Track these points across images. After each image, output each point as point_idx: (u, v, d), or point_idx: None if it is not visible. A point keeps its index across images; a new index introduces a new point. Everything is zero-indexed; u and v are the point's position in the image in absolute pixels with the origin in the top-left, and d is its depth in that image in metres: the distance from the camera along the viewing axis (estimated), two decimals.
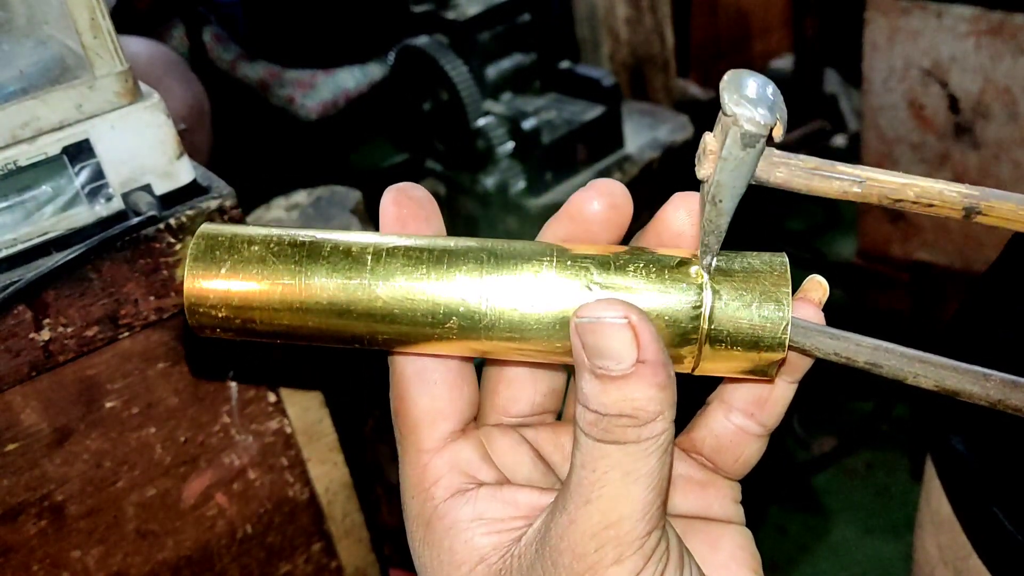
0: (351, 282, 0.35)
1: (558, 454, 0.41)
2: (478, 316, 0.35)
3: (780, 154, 0.34)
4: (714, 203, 0.33)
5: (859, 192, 0.33)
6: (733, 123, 0.31)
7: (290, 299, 0.35)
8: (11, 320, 0.59)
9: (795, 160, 0.34)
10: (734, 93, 0.31)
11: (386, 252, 0.35)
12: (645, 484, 0.31)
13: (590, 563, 0.32)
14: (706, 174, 0.33)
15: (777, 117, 0.31)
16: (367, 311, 0.35)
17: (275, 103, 2.26)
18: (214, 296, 0.35)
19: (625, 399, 0.31)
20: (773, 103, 0.31)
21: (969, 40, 1.69)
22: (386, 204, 0.37)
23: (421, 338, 0.35)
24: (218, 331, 0.36)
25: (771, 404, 0.39)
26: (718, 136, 0.32)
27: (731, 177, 0.32)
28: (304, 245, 0.35)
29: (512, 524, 0.35)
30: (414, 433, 0.37)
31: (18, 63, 0.63)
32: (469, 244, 0.36)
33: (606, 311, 0.31)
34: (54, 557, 0.68)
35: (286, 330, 0.36)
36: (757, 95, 0.31)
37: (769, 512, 1.80)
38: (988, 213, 0.33)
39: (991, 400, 0.34)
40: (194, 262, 0.35)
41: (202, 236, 0.36)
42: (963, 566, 0.68)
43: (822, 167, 0.34)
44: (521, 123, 1.61)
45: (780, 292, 0.34)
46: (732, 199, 0.33)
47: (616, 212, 0.37)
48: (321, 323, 0.35)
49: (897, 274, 2.04)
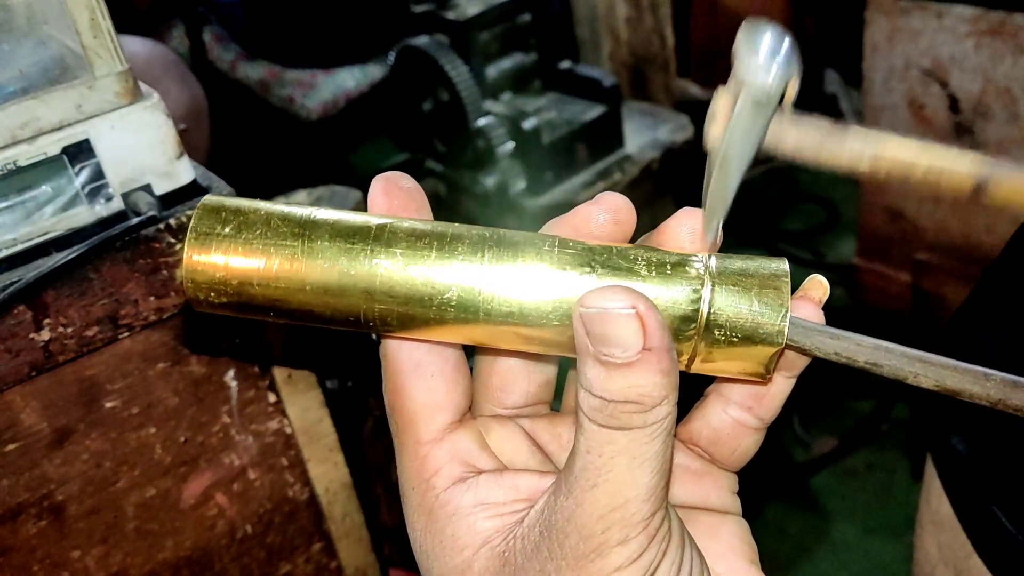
0: (352, 258, 0.35)
1: (555, 443, 0.41)
2: (477, 299, 0.35)
3: (792, 116, 0.33)
4: (722, 169, 0.32)
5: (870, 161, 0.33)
6: (744, 84, 0.30)
7: (290, 272, 0.35)
8: (11, 320, 0.59)
9: (807, 122, 0.33)
10: (747, 53, 0.30)
11: (389, 230, 0.35)
12: (650, 467, 0.32)
13: (596, 544, 0.32)
14: (715, 137, 0.33)
15: (790, 77, 0.30)
16: (367, 288, 0.35)
17: (275, 103, 2.26)
18: (213, 267, 0.35)
19: (631, 386, 0.31)
20: (787, 60, 0.30)
21: (969, 40, 1.69)
22: (375, 194, 0.37)
23: (419, 320, 0.35)
24: (215, 303, 0.36)
25: (769, 398, 0.39)
26: (729, 96, 0.32)
27: (741, 140, 0.31)
28: (307, 220, 0.35)
29: (514, 507, 0.36)
30: (412, 426, 0.37)
31: (18, 63, 0.63)
32: (471, 229, 0.36)
33: (612, 301, 0.31)
34: (54, 557, 0.68)
35: (284, 304, 0.35)
36: (770, 53, 0.30)
37: (769, 512, 1.80)
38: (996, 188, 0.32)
39: (991, 400, 0.34)
40: (195, 232, 0.35)
41: (204, 207, 0.36)
42: (963, 566, 0.68)
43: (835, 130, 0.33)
44: (521, 123, 1.61)
45: (779, 289, 0.34)
46: (740, 165, 0.32)
47: (619, 228, 0.37)
48: (320, 299, 0.35)
49: (897, 274, 2.04)
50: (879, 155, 0.33)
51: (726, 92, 0.32)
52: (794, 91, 0.31)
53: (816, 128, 0.33)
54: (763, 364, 0.35)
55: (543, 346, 0.36)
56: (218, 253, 0.35)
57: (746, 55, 0.30)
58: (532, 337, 0.36)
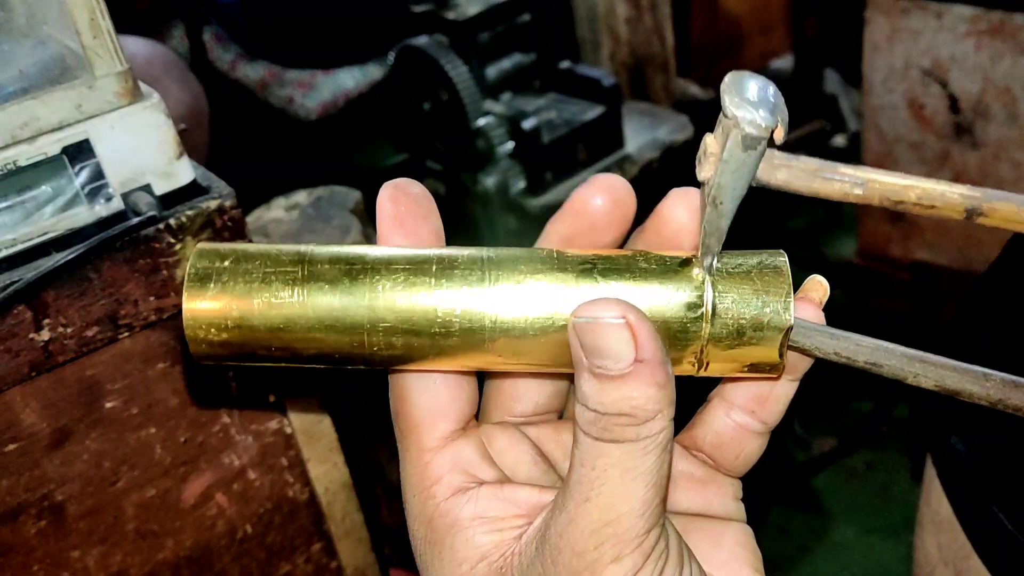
0: (351, 298, 0.34)
1: (559, 451, 0.41)
2: (480, 327, 0.34)
3: (781, 156, 0.34)
4: (715, 205, 0.33)
5: (860, 194, 0.33)
6: (734, 125, 0.31)
7: (291, 317, 0.34)
8: (11, 320, 0.59)
9: (796, 162, 0.34)
10: (735, 95, 0.31)
11: (385, 265, 0.35)
12: (644, 482, 0.31)
13: (589, 561, 0.32)
14: (707, 176, 0.33)
15: (778, 119, 0.31)
16: (368, 325, 0.34)
17: (275, 103, 2.26)
18: (213, 319, 0.34)
19: (624, 398, 0.31)
20: (774, 105, 0.31)
21: (969, 40, 1.69)
22: (383, 201, 0.37)
23: (423, 353, 0.35)
24: (216, 343, 0.35)
25: (772, 402, 0.39)
26: (719, 138, 0.32)
27: (732, 179, 0.32)
28: (303, 260, 0.35)
29: (513, 522, 0.36)
30: (414, 432, 0.37)
31: (17, 63, 0.63)
32: (467, 253, 0.35)
33: (603, 311, 0.31)
34: (54, 557, 0.68)
35: (288, 350, 0.35)
36: (758, 97, 0.31)
37: (769, 512, 1.80)
38: (989, 215, 0.33)
39: (991, 400, 0.34)
40: (194, 270, 0.35)
41: (200, 249, 0.35)
42: (963, 566, 0.68)
43: (823, 169, 0.34)
44: (521, 123, 1.61)
45: (781, 290, 0.34)
46: (733, 201, 0.33)
47: (619, 207, 0.37)
48: (324, 340, 0.35)
49: (897, 274, 2.04)
50: (870, 186, 0.33)
51: (716, 134, 0.32)
52: (782, 135, 0.31)
53: (806, 165, 0.34)
54: (772, 360, 0.35)
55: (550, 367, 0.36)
56: (217, 287, 0.34)
57: (734, 97, 0.31)
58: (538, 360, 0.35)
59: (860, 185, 0.33)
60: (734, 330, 0.34)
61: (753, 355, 0.35)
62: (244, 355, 0.35)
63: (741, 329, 0.34)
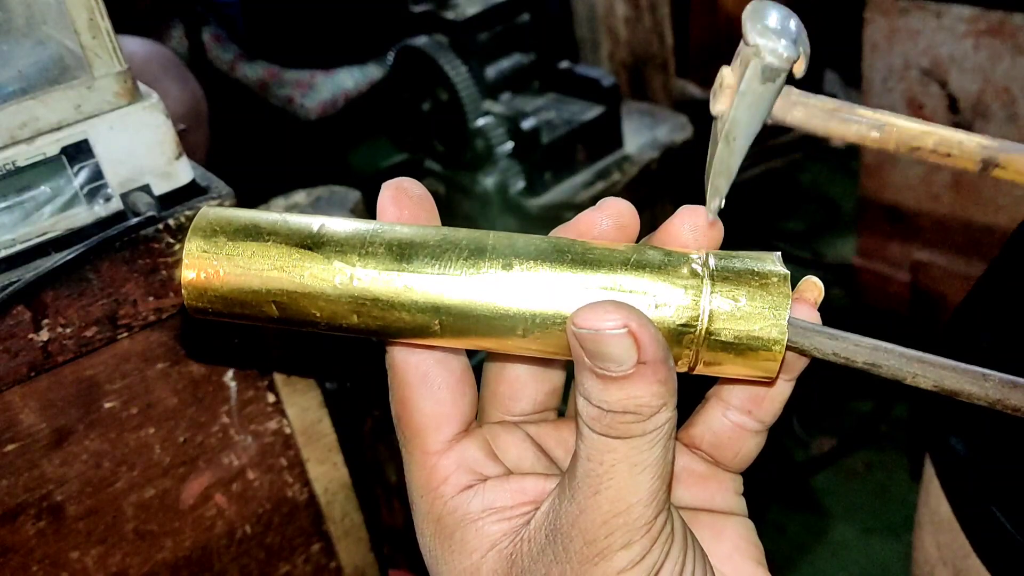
0: (351, 268, 0.35)
1: (560, 449, 0.41)
2: (473, 310, 0.35)
3: (799, 93, 0.32)
4: (727, 141, 0.32)
5: (877, 137, 0.32)
6: (754, 54, 0.29)
7: (288, 283, 0.35)
8: (10, 320, 0.59)
9: (814, 100, 0.32)
10: (757, 22, 0.30)
11: (387, 241, 0.35)
12: (651, 473, 0.32)
13: (600, 548, 0.33)
14: (721, 109, 0.32)
15: (800, 51, 0.30)
16: (365, 299, 0.35)
17: (274, 103, 2.26)
18: (212, 277, 0.35)
19: (628, 397, 0.31)
20: (797, 35, 0.30)
21: (968, 40, 1.69)
22: (384, 202, 0.37)
23: (416, 330, 0.35)
24: (213, 313, 0.36)
25: (768, 401, 0.39)
26: (736, 69, 0.31)
27: (748, 113, 0.31)
28: (306, 231, 0.35)
29: (521, 510, 0.36)
30: (419, 437, 0.37)
31: (17, 63, 0.63)
32: (469, 235, 0.36)
33: (604, 321, 0.31)
34: (53, 557, 0.68)
35: (282, 313, 0.36)
36: (780, 26, 0.30)
37: (769, 512, 1.80)
38: (1006, 166, 0.31)
39: (990, 400, 0.34)
40: (192, 242, 0.35)
41: (202, 217, 0.36)
42: (962, 566, 0.68)
43: (841, 109, 0.32)
44: (520, 123, 1.61)
45: (778, 290, 0.34)
46: (746, 138, 0.32)
47: (623, 232, 0.38)
48: (320, 308, 0.35)
49: (897, 274, 2.04)
50: (888, 129, 0.32)
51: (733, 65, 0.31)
52: (803, 67, 0.30)
53: (823, 104, 0.33)
54: (767, 363, 0.35)
55: (545, 354, 0.36)
56: (217, 262, 0.35)
57: (756, 24, 0.30)
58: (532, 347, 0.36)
59: (878, 128, 0.32)
60: (729, 332, 0.34)
61: (748, 361, 0.35)
62: (241, 307, 0.36)
63: (737, 334, 0.34)
